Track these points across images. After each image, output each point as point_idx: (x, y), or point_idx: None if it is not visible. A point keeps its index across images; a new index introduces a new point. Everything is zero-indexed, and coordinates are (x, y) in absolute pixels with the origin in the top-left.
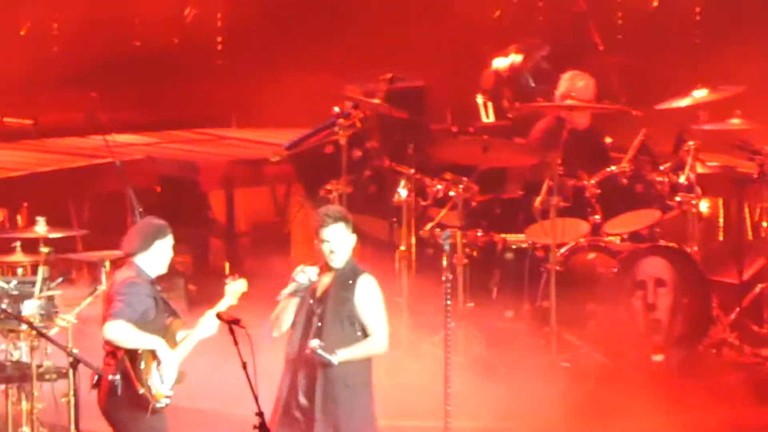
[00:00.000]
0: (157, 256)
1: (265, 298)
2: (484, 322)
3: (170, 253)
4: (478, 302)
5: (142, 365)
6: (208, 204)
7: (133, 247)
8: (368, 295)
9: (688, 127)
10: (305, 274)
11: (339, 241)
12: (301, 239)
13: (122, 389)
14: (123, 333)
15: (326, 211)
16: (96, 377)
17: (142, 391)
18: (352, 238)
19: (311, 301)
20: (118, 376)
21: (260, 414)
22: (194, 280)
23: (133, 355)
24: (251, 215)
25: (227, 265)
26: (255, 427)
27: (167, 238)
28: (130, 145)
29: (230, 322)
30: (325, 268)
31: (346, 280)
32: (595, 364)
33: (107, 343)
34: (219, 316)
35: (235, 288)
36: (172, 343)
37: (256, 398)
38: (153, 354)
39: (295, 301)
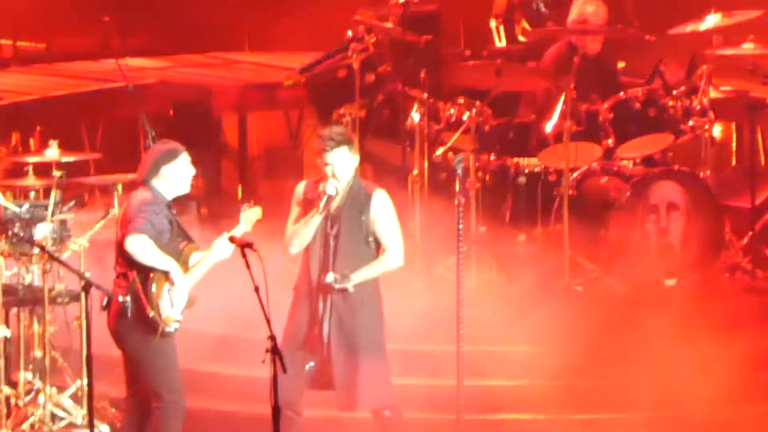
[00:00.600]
0: (171, 179)
1: (277, 221)
2: (496, 246)
3: (188, 173)
4: (490, 226)
5: (153, 288)
6: (221, 128)
7: (144, 173)
8: (382, 209)
9: (702, 51)
10: (332, 185)
11: (342, 164)
12: (313, 163)
13: (132, 311)
14: (145, 247)
15: (329, 134)
16: (106, 299)
17: (151, 314)
18: (355, 160)
19: (324, 222)
20: (128, 298)
21: (272, 337)
22: (207, 204)
23: (144, 277)
24: (264, 139)
25: (240, 188)
26: (267, 350)
27: (178, 160)
28: (143, 69)
29: (243, 245)
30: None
31: (358, 196)
32: (608, 288)
33: (119, 264)
34: (232, 239)
35: (250, 215)
36: (185, 267)
37: (268, 321)
38: (165, 277)
39: (316, 222)
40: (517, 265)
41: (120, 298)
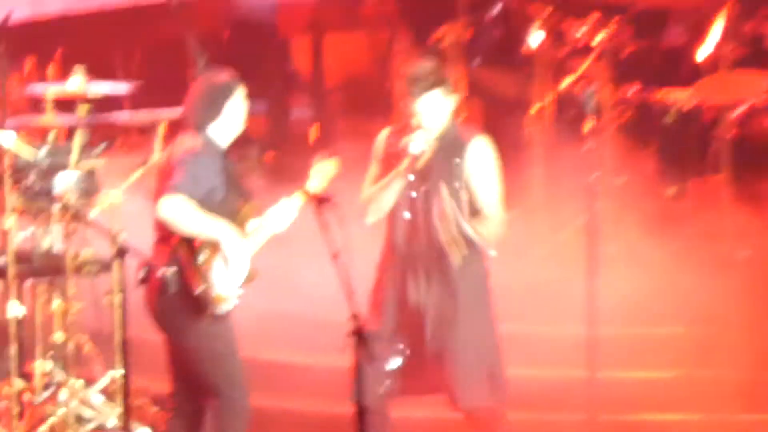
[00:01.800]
0: (228, 120)
1: (362, 171)
2: (639, 202)
3: (244, 111)
4: (631, 177)
5: (202, 257)
6: (289, 53)
7: (199, 116)
8: (484, 162)
9: None
10: (418, 141)
11: (434, 111)
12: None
13: (176, 286)
14: (183, 212)
15: (416, 74)
16: (144, 270)
17: (200, 289)
18: (451, 102)
19: (410, 177)
20: (171, 269)
21: (356, 317)
22: (272, 148)
23: (191, 243)
24: (344, 67)
25: (314, 129)
26: (349, 333)
27: (236, 95)
28: None
29: (319, 201)
30: None
31: (454, 144)
32: None
33: (158, 226)
34: (305, 193)
35: (323, 169)
36: (242, 232)
37: (350, 297)
38: (217, 244)
39: (397, 187)
40: (665, 225)
41: (161, 270)
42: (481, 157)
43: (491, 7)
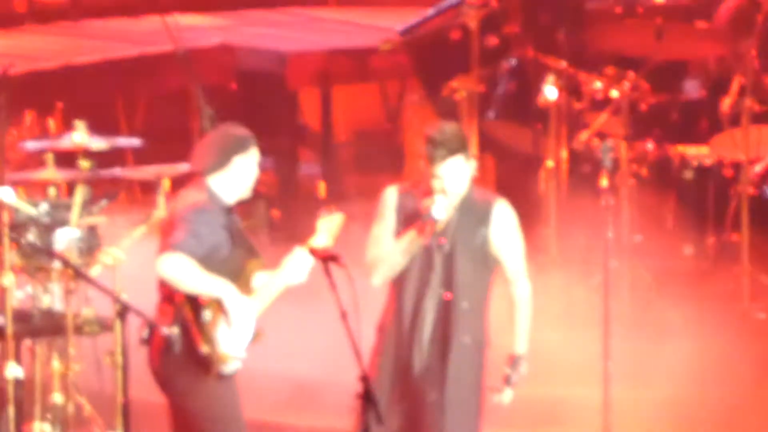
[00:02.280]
0: (236, 176)
1: (371, 226)
2: (655, 260)
3: (254, 173)
4: (648, 235)
5: (208, 316)
6: (298, 106)
7: (207, 162)
8: (508, 228)
9: None
10: (441, 206)
11: (456, 176)
12: (417, 151)
13: (180, 346)
14: (183, 270)
15: (440, 138)
16: (147, 330)
17: (205, 349)
18: (470, 167)
19: (432, 243)
20: (175, 329)
21: (365, 378)
22: (279, 205)
23: (196, 302)
24: (354, 120)
25: (322, 185)
26: (358, 396)
27: (250, 153)
28: (198, 28)
29: (326, 258)
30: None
31: (476, 207)
32: None
33: (163, 284)
34: (312, 251)
35: (329, 223)
36: (247, 289)
37: (358, 357)
38: (222, 303)
39: (414, 250)
40: (681, 285)
41: (164, 330)
42: (505, 222)
43: (505, 60)
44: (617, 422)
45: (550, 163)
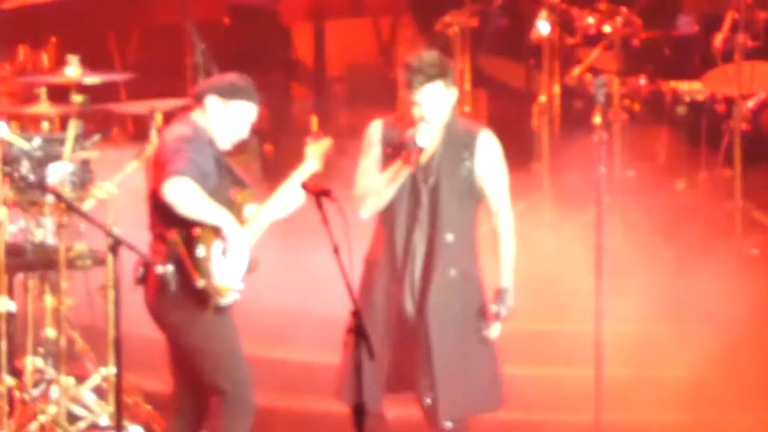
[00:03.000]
0: (227, 119)
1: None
2: (647, 196)
3: (244, 127)
4: (640, 170)
5: (201, 249)
6: (290, 41)
7: (206, 86)
8: (493, 158)
9: None
10: (425, 134)
11: (435, 103)
12: None
13: (176, 283)
14: (190, 194)
15: (418, 65)
16: (141, 269)
17: (201, 283)
18: (452, 95)
19: (413, 172)
20: (170, 267)
21: (356, 313)
22: (272, 139)
23: (187, 236)
24: (347, 55)
25: (315, 120)
26: (349, 330)
27: (249, 105)
28: None
29: (318, 193)
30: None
31: (461, 138)
32: None
33: (155, 223)
34: (304, 185)
35: (318, 148)
36: (239, 220)
37: (351, 292)
38: (215, 234)
39: (402, 178)
40: (674, 220)
41: (159, 268)
42: (489, 152)
43: None
44: (609, 357)
45: (542, 99)
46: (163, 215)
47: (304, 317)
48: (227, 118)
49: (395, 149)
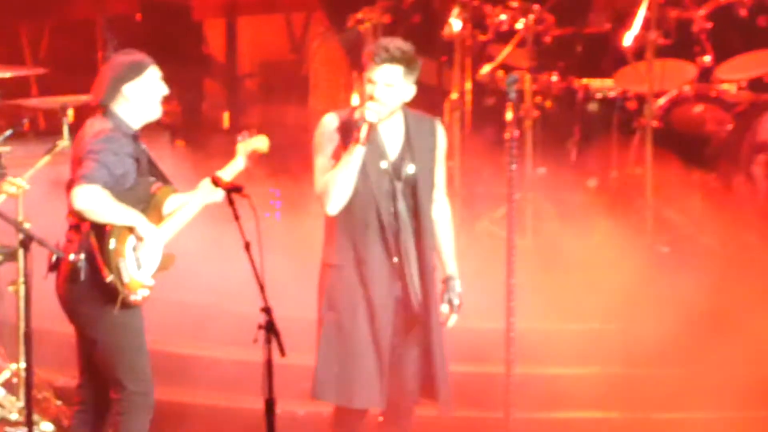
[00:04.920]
0: (136, 101)
1: (276, 159)
2: (559, 193)
3: (158, 92)
4: (551, 167)
5: (113, 244)
6: (203, 36)
7: (100, 94)
8: (444, 147)
9: None
10: (372, 110)
11: (390, 87)
12: (322, 82)
13: (86, 274)
14: (96, 201)
15: (384, 44)
16: (54, 257)
17: (110, 277)
18: (408, 91)
19: (383, 162)
20: (81, 257)
21: (267, 310)
22: (183, 135)
23: (100, 230)
24: (259, 51)
25: (226, 115)
26: (261, 326)
27: (145, 75)
28: None
29: (230, 189)
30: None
31: (423, 126)
32: (703, 249)
33: (72, 213)
34: (215, 180)
35: (250, 145)
36: (157, 216)
37: (262, 289)
38: (129, 230)
39: (358, 157)
40: (585, 218)
41: (71, 257)
42: (444, 141)
43: None
44: (523, 355)
45: (454, 96)
46: None
47: (216, 314)
48: (147, 92)
49: (350, 139)
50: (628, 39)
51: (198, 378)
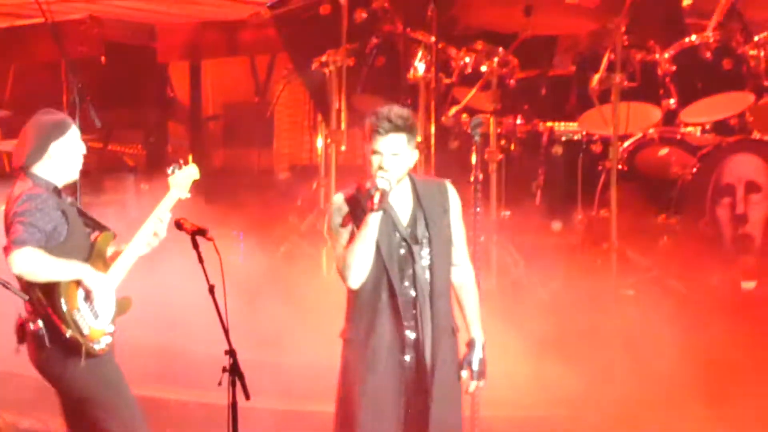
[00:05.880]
0: (58, 162)
1: (239, 201)
2: (523, 236)
3: (81, 150)
4: (516, 210)
5: (63, 302)
6: (167, 79)
7: (24, 156)
8: (459, 210)
9: None
10: (384, 178)
11: (395, 156)
12: (286, 125)
13: (48, 338)
14: (35, 262)
15: (386, 114)
16: (20, 326)
17: (69, 333)
18: (413, 157)
19: (397, 230)
20: (39, 323)
21: (231, 352)
22: (148, 178)
23: (48, 290)
24: (223, 94)
25: (191, 157)
26: (225, 369)
27: (68, 135)
28: (67, 1)
29: (194, 232)
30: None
31: (433, 191)
32: (668, 291)
33: (19, 280)
34: (180, 224)
35: (181, 177)
36: (102, 264)
37: (226, 332)
38: (76, 284)
39: (375, 225)
40: (550, 261)
41: (31, 325)
42: (457, 203)
43: (374, 35)
44: (488, 397)
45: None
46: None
47: (180, 357)
48: (71, 150)
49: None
50: (593, 82)
51: (164, 421)
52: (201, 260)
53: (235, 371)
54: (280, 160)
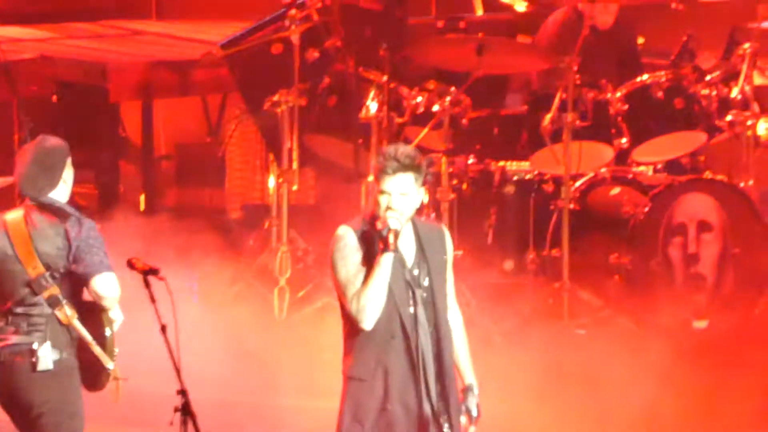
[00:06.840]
0: (69, 185)
1: (191, 239)
2: (475, 275)
3: (71, 179)
4: (468, 250)
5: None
6: (119, 118)
7: (38, 184)
8: (452, 255)
9: (744, 25)
10: (395, 218)
11: (403, 196)
12: (238, 165)
13: (55, 360)
14: (116, 288)
15: (393, 153)
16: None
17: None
18: (420, 196)
19: (401, 270)
20: (47, 344)
21: (183, 392)
22: (99, 217)
23: (92, 317)
24: (175, 133)
25: (143, 197)
26: (177, 409)
27: (69, 159)
28: (18, 41)
29: (145, 272)
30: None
31: (432, 234)
32: (620, 331)
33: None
34: (131, 263)
35: None
36: None
37: (178, 372)
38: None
39: (388, 266)
40: (502, 300)
41: (35, 345)
42: (451, 248)
43: (326, 74)
44: None
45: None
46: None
47: (131, 395)
48: (72, 173)
49: (374, 251)
50: (544, 121)
51: None
52: (153, 300)
53: (186, 411)
54: (232, 199)
